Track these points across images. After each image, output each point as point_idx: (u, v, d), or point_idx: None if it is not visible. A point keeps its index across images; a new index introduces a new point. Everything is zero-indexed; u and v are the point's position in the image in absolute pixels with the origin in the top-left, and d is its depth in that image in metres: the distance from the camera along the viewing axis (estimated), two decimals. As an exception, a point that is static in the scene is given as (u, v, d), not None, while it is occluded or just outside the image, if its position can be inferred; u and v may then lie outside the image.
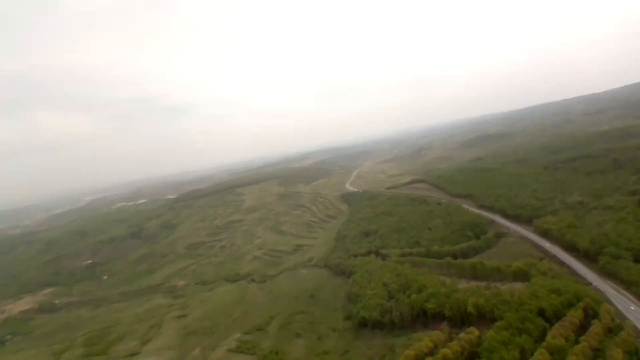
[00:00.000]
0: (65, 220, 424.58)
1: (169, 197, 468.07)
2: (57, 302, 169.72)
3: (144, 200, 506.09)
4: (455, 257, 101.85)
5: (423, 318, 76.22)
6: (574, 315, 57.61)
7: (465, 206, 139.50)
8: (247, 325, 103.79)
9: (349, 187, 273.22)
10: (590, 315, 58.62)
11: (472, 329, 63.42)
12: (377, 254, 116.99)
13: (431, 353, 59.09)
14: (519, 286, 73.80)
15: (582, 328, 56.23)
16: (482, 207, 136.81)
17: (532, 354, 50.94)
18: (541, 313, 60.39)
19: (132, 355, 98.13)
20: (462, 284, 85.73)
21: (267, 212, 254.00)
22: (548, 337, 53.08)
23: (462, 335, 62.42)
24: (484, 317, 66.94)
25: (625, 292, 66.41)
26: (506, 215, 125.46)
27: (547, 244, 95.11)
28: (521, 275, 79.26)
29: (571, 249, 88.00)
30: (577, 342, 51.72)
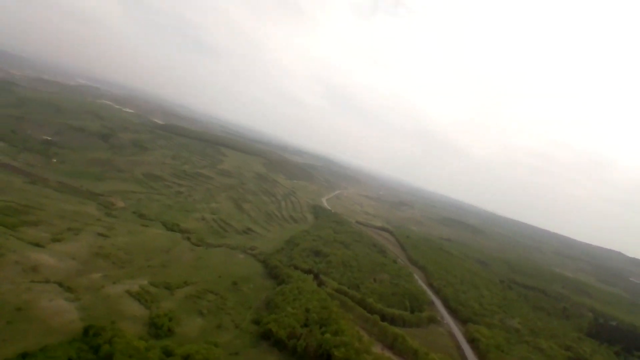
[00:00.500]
0: (49, 89, 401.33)
1: (156, 120, 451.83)
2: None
3: (131, 110, 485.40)
4: (383, 318, 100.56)
5: (324, 360, 73.43)
6: None
7: (416, 276, 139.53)
8: (159, 277, 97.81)
9: (324, 202, 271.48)
10: None
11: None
12: (317, 277, 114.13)
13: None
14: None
15: None
16: (430, 285, 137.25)
17: None
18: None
19: (37, 245, 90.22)
20: (377, 348, 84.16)
21: (238, 184, 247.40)
22: None
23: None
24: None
25: None
26: (447, 305, 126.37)
27: (469, 352, 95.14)
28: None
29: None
30: None
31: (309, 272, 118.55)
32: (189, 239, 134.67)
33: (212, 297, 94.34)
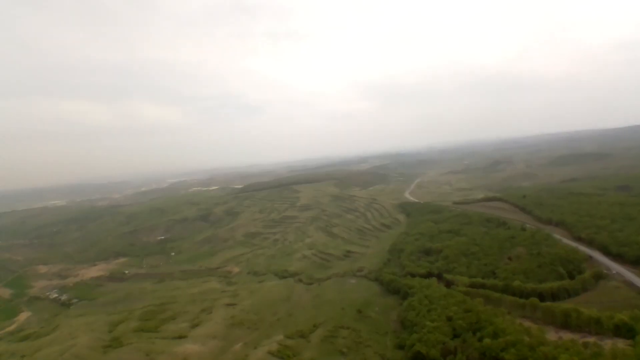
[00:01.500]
0: (148, 198, 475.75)
1: (236, 186, 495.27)
2: (126, 272, 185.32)
3: (215, 187, 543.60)
4: (542, 297, 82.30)
5: (496, 371, 60.30)
6: None
7: (556, 236, 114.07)
8: (290, 327, 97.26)
9: (408, 197, 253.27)
10: None
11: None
12: (440, 277, 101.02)
13: None
14: (621, 345, 56.66)
15: None
16: (578, 239, 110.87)
17: None
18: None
19: (180, 337, 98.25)
20: (551, 335, 67.44)
21: (320, 212, 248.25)
22: None
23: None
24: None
25: None
26: (607, 253, 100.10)
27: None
28: (625, 331, 61.12)
29: None
30: None
31: (428, 275, 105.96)
32: (300, 280, 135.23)
33: (345, 333, 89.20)
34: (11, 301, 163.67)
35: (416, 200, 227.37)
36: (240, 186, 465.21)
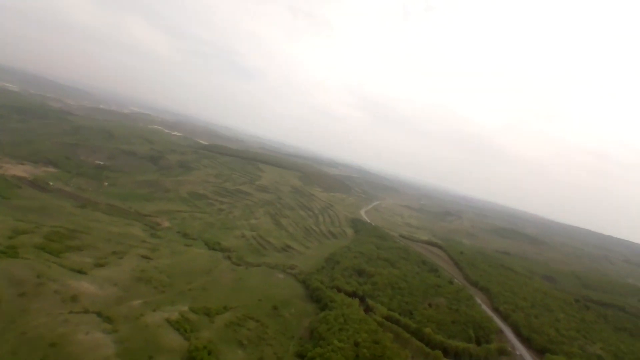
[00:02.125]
0: (103, 117, 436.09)
1: (201, 141, 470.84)
2: (51, 183, 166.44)
3: (178, 133, 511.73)
4: (446, 353, 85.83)
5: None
6: None
7: (478, 300, 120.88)
8: (199, 302, 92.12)
9: (363, 215, 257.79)
10: None
11: None
12: (362, 300, 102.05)
13: None
14: None
15: None
16: (496, 310, 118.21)
17: None
18: None
19: (79, 272, 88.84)
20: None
21: (276, 199, 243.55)
22: None
23: None
24: None
25: None
26: (518, 333, 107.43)
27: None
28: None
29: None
30: None
31: (353, 294, 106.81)
32: (229, 258, 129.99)
33: (252, 325, 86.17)
34: None
35: (368, 220, 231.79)
36: (205, 142, 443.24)
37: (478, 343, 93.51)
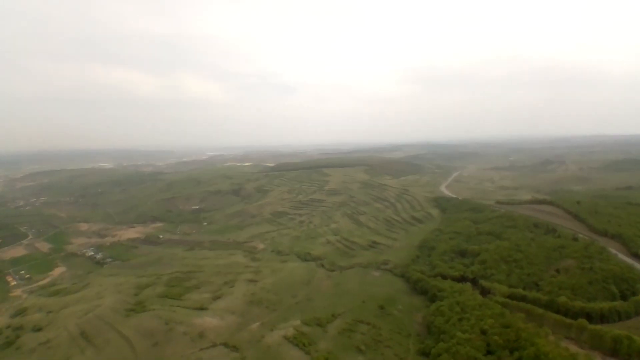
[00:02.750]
0: (188, 168, 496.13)
1: (268, 164, 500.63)
2: (161, 236, 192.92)
3: (249, 163, 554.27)
4: (590, 318, 71.27)
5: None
6: None
7: (612, 250, 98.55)
8: (308, 313, 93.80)
9: (444, 191, 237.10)
10: None
11: None
12: (475, 283, 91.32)
13: None
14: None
15: None
16: (635, 255, 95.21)
17: None
18: None
19: (201, 309, 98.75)
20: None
21: (348, 198, 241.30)
22: None
23: None
24: None
25: None
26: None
27: None
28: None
29: None
30: None
31: (462, 279, 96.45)
32: (322, 265, 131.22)
33: (364, 328, 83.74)
34: (49, 255, 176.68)
35: (453, 196, 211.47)
36: (272, 165, 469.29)
37: (624, 298, 76.09)
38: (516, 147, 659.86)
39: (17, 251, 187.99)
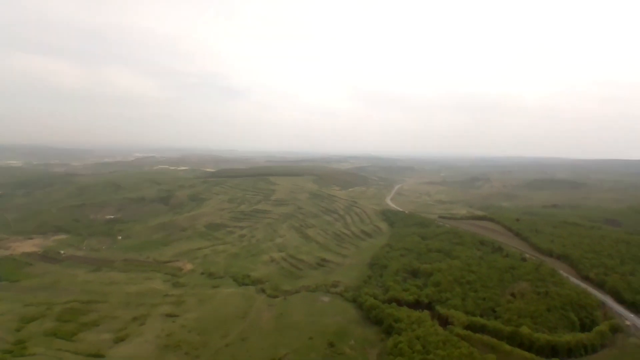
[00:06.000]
0: (108, 170, 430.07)
1: (208, 169, 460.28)
2: (62, 252, 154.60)
3: (185, 168, 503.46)
4: (556, 353, 66.40)
5: None
6: None
7: (562, 273, 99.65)
8: (242, 359, 75.25)
9: (390, 203, 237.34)
10: None
11: None
12: (431, 309, 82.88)
13: None
14: None
15: None
16: (585, 278, 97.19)
17: None
18: None
19: (96, 356, 73.62)
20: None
21: (296, 209, 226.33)
22: None
23: None
24: None
25: None
26: (620, 300, 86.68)
27: None
28: None
29: None
30: None
31: (417, 304, 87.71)
32: (263, 290, 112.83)
33: (311, 377, 68.52)
34: None
35: (399, 209, 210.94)
36: (212, 170, 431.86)
37: (584, 327, 74.26)
38: (446, 164, 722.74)
39: None
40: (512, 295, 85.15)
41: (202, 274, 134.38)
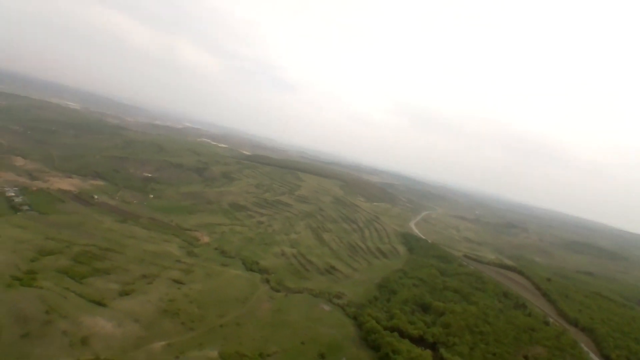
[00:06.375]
0: (157, 132, 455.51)
1: (245, 152, 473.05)
2: (96, 197, 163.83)
3: (224, 146, 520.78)
4: None
5: None
6: None
7: (584, 347, 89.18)
8: (232, 343, 74.66)
9: (413, 228, 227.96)
10: None
11: None
12: (434, 350, 77.01)
13: None
14: None
15: None
16: (606, 358, 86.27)
17: None
18: None
19: (99, 304, 76.22)
20: None
21: (317, 210, 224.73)
22: None
23: None
24: None
25: None
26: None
27: None
28: None
29: None
30: None
31: (420, 340, 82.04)
32: (268, 281, 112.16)
33: (294, 382, 66.07)
34: None
35: (422, 236, 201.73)
36: (248, 153, 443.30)
37: None
38: (481, 202, 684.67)
39: None
40: (525, 358, 76.94)
41: (216, 249, 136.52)
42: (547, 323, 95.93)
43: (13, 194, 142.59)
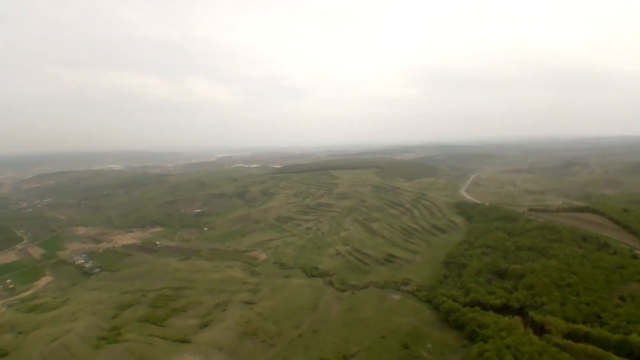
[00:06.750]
0: (195, 170, 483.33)
1: (276, 166, 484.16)
2: (157, 242, 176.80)
3: (256, 165, 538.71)
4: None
5: None
6: None
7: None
8: (314, 351, 74.91)
9: (466, 195, 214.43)
10: None
11: None
12: (523, 315, 70.63)
13: None
14: None
15: None
16: None
17: None
18: None
19: (183, 341, 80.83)
20: None
21: (359, 203, 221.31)
22: None
23: None
24: None
25: None
26: None
27: None
28: None
29: None
30: None
31: (505, 309, 75.76)
32: (331, 283, 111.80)
33: (385, 379, 64.23)
34: (39, 262, 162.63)
35: (477, 201, 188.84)
36: (279, 166, 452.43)
37: None
38: (533, 149, 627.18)
39: (8, 257, 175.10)
40: (621, 298, 68.15)
41: (275, 263, 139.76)
42: (635, 257, 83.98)
43: (83, 261, 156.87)
